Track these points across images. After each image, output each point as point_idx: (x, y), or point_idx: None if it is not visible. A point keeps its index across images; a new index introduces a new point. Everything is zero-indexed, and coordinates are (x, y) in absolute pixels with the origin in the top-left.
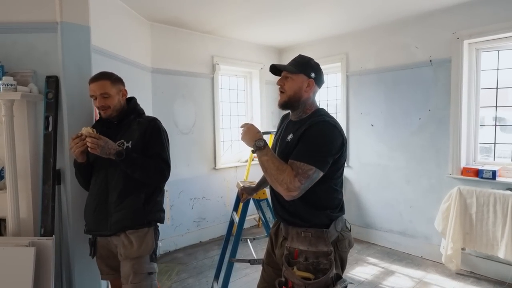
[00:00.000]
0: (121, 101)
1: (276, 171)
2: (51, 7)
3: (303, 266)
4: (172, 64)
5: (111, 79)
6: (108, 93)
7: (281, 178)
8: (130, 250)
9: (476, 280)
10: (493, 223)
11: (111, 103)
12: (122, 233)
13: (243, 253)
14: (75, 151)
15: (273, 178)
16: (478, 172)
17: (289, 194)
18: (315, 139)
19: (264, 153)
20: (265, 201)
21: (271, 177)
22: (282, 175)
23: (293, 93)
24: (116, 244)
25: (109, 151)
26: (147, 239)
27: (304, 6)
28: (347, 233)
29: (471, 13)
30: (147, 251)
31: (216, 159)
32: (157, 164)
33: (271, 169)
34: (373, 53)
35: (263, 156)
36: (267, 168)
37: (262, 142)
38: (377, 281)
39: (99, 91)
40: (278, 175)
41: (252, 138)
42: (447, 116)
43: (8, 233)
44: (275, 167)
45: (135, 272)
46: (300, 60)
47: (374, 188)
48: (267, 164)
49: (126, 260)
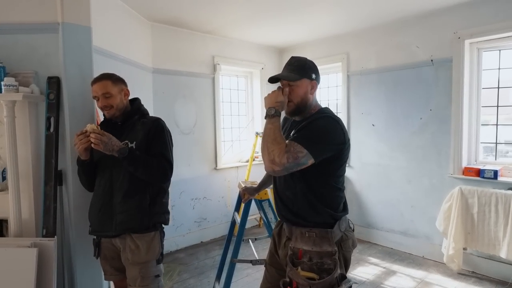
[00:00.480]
0: (123, 100)
1: (272, 141)
2: (53, 8)
3: (308, 266)
4: (173, 64)
5: (112, 79)
6: (110, 93)
7: (271, 149)
8: (137, 256)
9: (478, 280)
10: (495, 223)
11: (113, 102)
12: (128, 236)
13: (245, 253)
14: (79, 147)
15: (265, 146)
16: (479, 172)
17: (271, 166)
18: (316, 129)
19: (271, 121)
20: (266, 201)
21: (264, 144)
22: (274, 146)
23: (300, 100)
24: (119, 246)
25: (112, 148)
26: (154, 244)
27: (305, 6)
28: (350, 233)
29: (472, 13)
30: (154, 256)
31: (217, 159)
32: (159, 163)
33: (268, 137)
34: (374, 52)
35: (268, 124)
36: (265, 136)
37: (273, 111)
38: (378, 281)
39: (101, 91)
40: (271, 145)
41: (269, 103)
42: (448, 115)
43: (10, 234)
44: (273, 137)
45: (143, 276)
46: (298, 64)
47: (375, 188)
48: (268, 132)
49: (133, 264)
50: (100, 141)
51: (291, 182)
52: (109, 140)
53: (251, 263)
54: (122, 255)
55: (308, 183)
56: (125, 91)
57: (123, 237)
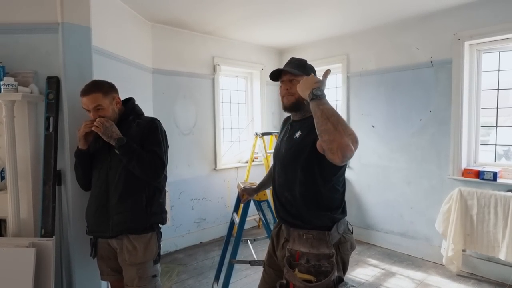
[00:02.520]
0: (115, 109)
1: (344, 122)
2: (52, 8)
3: (305, 268)
4: (173, 64)
5: (102, 91)
6: (101, 105)
7: (349, 130)
8: (135, 257)
9: (477, 282)
10: (494, 225)
11: (105, 114)
12: (125, 237)
13: (244, 254)
14: (81, 131)
15: (340, 127)
16: (479, 174)
17: (351, 149)
18: None
19: (325, 101)
20: (265, 202)
21: (337, 126)
22: (349, 128)
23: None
24: (115, 247)
25: (111, 134)
26: (151, 245)
27: (305, 7)
28: (349, 236)
29: (472, 15)
30: (152, 256)
31: (216, 159)
32: (152, 159)
33: (339, 118)
34: (374, 54)
35: (326, 105)
36: (333, 115)
37: (320, 91)
38: (377, 283)
39: (92, 104)
40: (347, 126)
41: (310, 86)
42: (448, 117)
43: (9, 233)
44: (342, 119)
45: (140, 277)
46: (298, 63)
47: (375, 189)
48: (333, 112)
49: (131, 265)
50: (102, 124)
51: (290, 183)
52: (110, 126)
53: (249, 264)
54: (119, 256)
55: (307, 184)
56: (117, 100)
57: (120, 238)
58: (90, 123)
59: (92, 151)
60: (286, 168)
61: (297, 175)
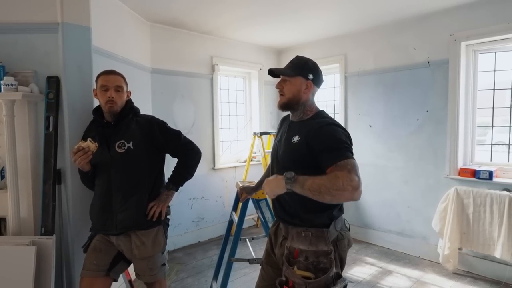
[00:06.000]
0: (124, 99)
1: (330, 182)
2: (52, 8)
3: (304, 265)
4: (172, 64)
5: (123, 77)
6: (122, 88)
7: (340, 184)
8: (144, 251)
9: (473, 280)
10: (490, 223)
11: (121, 97)
12: (133, 233)
13: (242, 252)
14: (80, 163)
15: (333, 190)
16: (475, 173)
17: (356, 193)
18: (334, 137)
19: (304, 179)
20: (264, 201)
21: (329, 191)
22: (338, 181)
23: (292, 96)
24: (119, 244)
25: (168, 200)
26: (158, 238)
27: (303, 7)
28: (346, 233)
29: (468, 15)
30: (160, 249)
31: (215, 159)
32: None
33: (324, 185)
34: (372, 54)
35: (306, 181)
36: (320, 186)
37: (291, 174)
38: (375, 281)
39: (115, 83)
40: (335, 183)
41: (279, 182)
42: (444, 117)
43: (9, 232)
44: (326, 180)
45: (151, 268)
46: (298, 62)
47: (372, 188)
48: (316, 184)
49: (141, 259)
50: (161, 208)
51: None
52: (165, 201)
53: (248, 262)
54: (126, 254)
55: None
56: (128, 93)
57: (128, 234)
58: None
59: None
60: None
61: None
